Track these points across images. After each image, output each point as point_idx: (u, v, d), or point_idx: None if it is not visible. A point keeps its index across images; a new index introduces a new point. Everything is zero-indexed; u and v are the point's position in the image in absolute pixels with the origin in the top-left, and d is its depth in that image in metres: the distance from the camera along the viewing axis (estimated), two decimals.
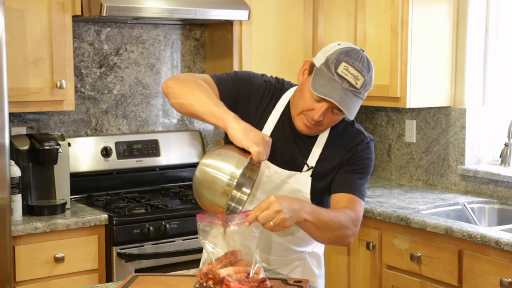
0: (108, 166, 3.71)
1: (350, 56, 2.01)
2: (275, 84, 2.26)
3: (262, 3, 3.86)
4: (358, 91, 2.00)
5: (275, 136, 2.15)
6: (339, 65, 1.99)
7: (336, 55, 2.01)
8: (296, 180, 2.19)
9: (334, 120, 2.10)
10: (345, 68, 1.99)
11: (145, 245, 3.23)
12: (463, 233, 2.84)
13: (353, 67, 1.99)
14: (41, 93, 3.25)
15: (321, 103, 2.04)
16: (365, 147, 2.20)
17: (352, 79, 1.98)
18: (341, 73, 1.98)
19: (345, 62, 1.99)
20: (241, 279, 1.85)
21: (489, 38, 3.69)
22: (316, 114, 2.05)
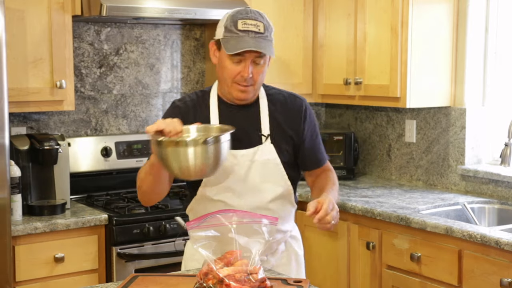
0: (108, 166, 3.71)
1: (241, 13, 2.24)
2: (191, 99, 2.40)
3: (262, 3, 3.85)
4: (265, 35, 2.22)
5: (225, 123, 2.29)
6: (237, 23, 2.21)
7: (230, 18, 2.24)
8: (261, 153, 2.33)
9: (260, 72, 2.26)
10: (243, 23, 2.21)
11: (145, 245, 3.23)
12: (463, 233, 2.84)
13: (249, 19, 2.22)
14: (41, 93, 3.25)
15: (242, 62, 2.23)
16: (308, 108, 2.43)
17: (254, 28, 2.21)
18: (242, 28, 2.20)
19: (240, 19, 2.22)
20: (241, 279, 1.85)
21: (489, 38, 3.69)
22: (244, 72, 2.23)
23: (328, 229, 2.13)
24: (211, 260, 1.89)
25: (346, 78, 3.83)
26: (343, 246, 3.42)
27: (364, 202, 3.38)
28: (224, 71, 2.26)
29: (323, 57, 4.01)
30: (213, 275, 1.86)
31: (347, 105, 4.34)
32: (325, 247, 3.53)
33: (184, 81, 4.05)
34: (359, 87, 3.77)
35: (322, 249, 3.54)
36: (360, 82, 3.75)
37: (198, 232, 1.93)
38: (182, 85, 4.04)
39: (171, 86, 4.01)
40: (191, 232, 1.94)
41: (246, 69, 2.22)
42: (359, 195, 3.59)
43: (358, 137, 4.24)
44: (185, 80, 4.05)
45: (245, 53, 2.20)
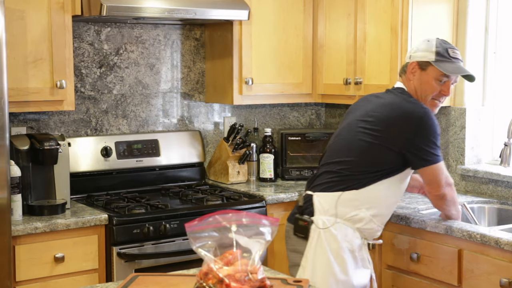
0: (108, 166, 3.71)
1: (446, 43, 2.88)
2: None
3: (262, 3, 3.86)
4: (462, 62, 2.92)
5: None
6: (448, 51, 2.83)
7: (441, 46, 2.85)
8: None
9: (451, 91, 2.90)
10: (453, 52, 2.84)
11: (145, 245, 3.23)
12: (463, 232, 2.84)
13: (454, 49, 2.86)
14: (41, 93, 3.25)
15: (445, 82, 2.83)
16: None
17: (459, 56, 2.86)
18: (453, 55, 2.84)
19: (449, 48, 2.85)
20: (241, 279, 1.85)
21: (489, 38, 3.69)
22: (445, 91, 2.85)
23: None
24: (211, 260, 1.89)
25: (346, 78, 3.83)
26: None
27: None
28: (427, 88, 2.84)
29: (323, 57, 4.01)
30: (213, 275, 1.86)
31: (347, 105, 4.33)
32: None
33: (184, 81, 4.05)
34: (359, 87, 3.77)
35: None
36: (360, 82, 3.75)
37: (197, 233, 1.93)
38: (182, 85, 4.05)
39: (171, 86, 4.01)
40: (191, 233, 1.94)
41: (448, 89, 2.85)
42: None
43: None
44: (185, 80, 4.06)
45: (453, 77, 2.83)
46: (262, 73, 3.89)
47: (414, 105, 2.80)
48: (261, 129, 4.25)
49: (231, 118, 4.20)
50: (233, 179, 3.98)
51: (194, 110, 4.10)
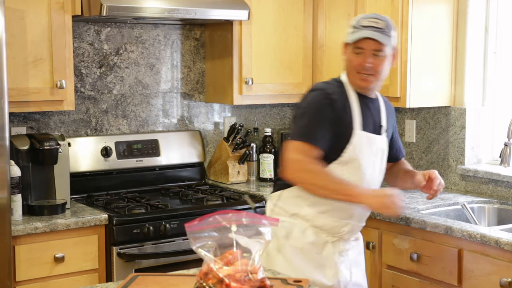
0: (108, 166, 3.71)
1: (366, 15, 2.66)
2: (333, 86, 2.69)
3: (262, 3, 3.86)
4: (384, 30, 2.59)
5: (363, 114, 2.64)
6: (360, 21, 2.61)
7: (357, 19, 2.64)
8: (380, 142, 2.72)
9: (380, 63, 2.60)
10: (367, 20, 2.60)
11: (145, 245, 3.23)
12: (463, 232, 2.84)
13: (371, 18, 2.61)
14: (41, 93, 3.25)
15: (360, 54, 2.59)
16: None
17: (374, 24, 2.58)
18: (365, 24, 2.58)
19: (364, 18, 2.62)
20: (241, 279, 1.85)
21: (489, 38, 3.69)
22: (364, 62, 2.58)
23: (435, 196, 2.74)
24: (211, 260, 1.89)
25: None
26: None
27: None
28: (349, 64, 2.64)
29: (323, 57, 4.01)
30: (213, 275, 1.86)
31: None
32: None
33: (184, 81, 4.05)
34: None
35: None
36: None
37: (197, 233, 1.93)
38: (182, 85, 4.04)
39: (171, 86, 4.01)
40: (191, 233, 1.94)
41: (365, 59, 2.58)
42: None
43: None
44: (185, 80, 4.05)
45: (366, 45, 2.58)
46: (262, 73, 3.89)
47: (316, 84, 2.77)
48: (261, 129, 4.25)
49: (231, 118, 4.20)
50: (233, 179, 3.98)
51: (194, 110, 4.10)
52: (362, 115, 2.64)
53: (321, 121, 2.56)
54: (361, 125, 2.63)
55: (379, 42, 2.56)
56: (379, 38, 2.56)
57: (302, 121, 2.59)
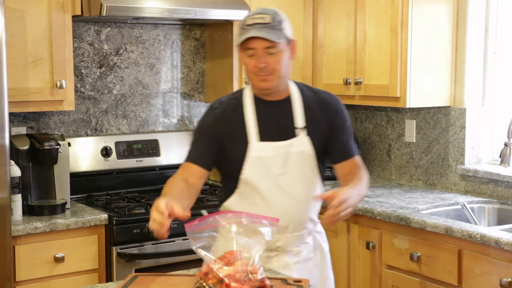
0: (108, 166, 3.71)
1: (251, 13, 2.41)
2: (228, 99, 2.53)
3: (262, 3, 3.85)
4: (271, 24, 2.34)
5: (261, 121, 2.43)
6: (245, 21, 2.37)
7: (242, 20, 2.40)
8: (297, 144, 2.44)
9: (277, 61, 2.36)
10: (250, 18, 2.36)
11: (145, 245, 3.23)
12: (463, 232, 2.84)
13: (256, 14, 2.37)
14: (41, 93, 3.25)
15: (254, 55, 2.35)
16: (339, 105, 2.57)
17: (259, 20, 2.34)
18: (249, 23, 2.34)
19: (248, 16, 2.38)
20: (241, 278, 1.85)
21: (489, 38, 3.69)
22: (258, 62, 2.34)
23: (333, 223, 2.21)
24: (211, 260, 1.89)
25: (346, 78, 3.83)
26: (343, 245, 3.43)
27: (364, 202, 3.38)
28: (245, 67, 2.41)
29: (323, 57, 4.01)
30: (213, 275, 1.86)
31: (347, 105, 4.29)
32: None
33: (184, 81, 4.05)
34: (359, 87, 3.77)
35: None
36: (360, 82, 3.75)
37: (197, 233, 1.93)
38: (182, 85, 4.04)
39: (171, 86, 4.01)
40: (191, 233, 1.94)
41: (259, 59, 2.34)
42: None
43: (358, 137, 4.24)
44: (185, 80, 4.05)
45: (255, 45, 2.33)
46: None
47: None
48: None
49: None
50: None
51: (194, 110, 4.10)
52: (260, 123, 2.42)
53: (201, 138, 2.47)
54: (258, 135, 2.41)
55: (268, 40, 2.33)
56: (266, 35, 2.32)
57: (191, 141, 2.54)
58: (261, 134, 2.41)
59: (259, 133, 2.42)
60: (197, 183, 2.44)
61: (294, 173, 2.44)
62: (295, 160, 2.43)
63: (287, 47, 2.40)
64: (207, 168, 2.46)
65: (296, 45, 2.47)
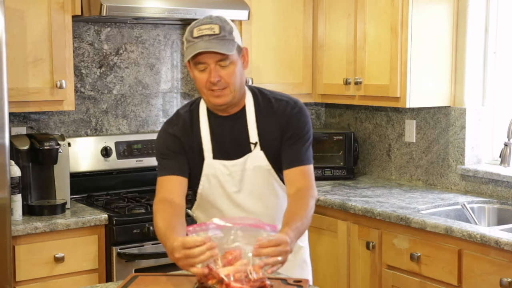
0: (108, 166, 3.71)
1: (197, 22, 2.24)
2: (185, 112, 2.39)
3: (262, 3, 3.86)
4: (220, 35, 2.19)
5: (216, 138, 2.32)
6: (192, 32, 2.21)
7: (188, 30, 2.24)
8: (251, 160, 2.33)
9: (231, 74, 2.22)
10: (198, 30, 2.20)
11: (145, 245, 3.23)
12: (463, 233, 2.84)
13: (203, 24, 2.21)
14: (41, 93, 3.25)
15: (205, 70, 2.21)
16: (296, 111, 2.35)
17: (208, 31, 2.18)
18: (197, 35, 2.19)
19: (195, 27, 2.21)
20: (241, 278, 1.85)
21: (489, 38, 3.69)
22: (211, 77, 2.20)
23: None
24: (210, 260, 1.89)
25: (346, 78, 3.83)
26: (343, 246, 3.43)
27: (364, 202, 3.38)
28: (196, 82, 2.26)
29: (323, 57, 4.01)
30: (212, 275, 1.86)
31: (347, 105, 4.35)
32: (325, 247, 3.53)
33: (184, 81, 4.05)
34: (359, 87, 3.77)
35: (322, 249, 3.54)
36: (360, 82, 3.75)
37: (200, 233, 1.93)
38: (182, 85, 4.04)
39: (171, 86, 4.01)
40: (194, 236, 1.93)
41: (211, 74, 2.19)
42: (359, 195, 3.59)
43: (358, 137, 4.24)
44: (185, 80, 4.05)
45: (205, 58, 2.18)
46: (262, 73, 3.89)
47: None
48: None
49: None
50: None
51: None
52: (214, 140, 2.33)
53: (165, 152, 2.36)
54: (212, 153, 2.32)
55: (219, 53, 2.17)
56: (217, 47, 2.16)
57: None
58: (216, 152, 2.32)
59: (213, 150, 2.32)
60: (182, 201, 2.29)
61: (250, 190, 2.34)
62: (251, 176, 2.33)
63: (238, 57, 2.25)
64: (185, 176, 2.33)
65: (247, 53, 2.31)
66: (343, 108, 4.40)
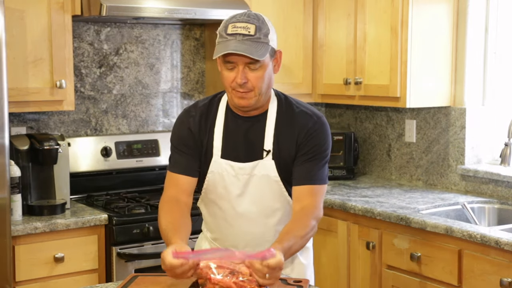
0: (108, 166, 3.71)
1: (234, 17, 2.16)
2: (203, 105, 2.33)
3: (262, 3, 3.86)
4: (255, 37, 2.11)
5: (228, 137, 2.26)
6: (227, 28, 2.13)
7: (223, 24, 2.17)
8: (260, 168, 2.26)
9: (259, 77, 2.15)
10: (232, 27, 2.12)
11: (145, 245, 3.23)
12: (463, 233, 2.84)
13: (240, 22, 2.12)
14: (41, 93, 3.25)
15: (233, 69, 2.14)
16: (317, 127, 2.26)
17: (243, 31, 2.10)
18: (231, 32, 2.11)
19: (231, 23, 2.14)
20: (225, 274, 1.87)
21: (489, 38, 3.69)
22: (237, 78, 2.13)
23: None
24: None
25: (346, 78, 3.83)
26: (343, 246, 3.43)
27: (364, 202, 3.38)
28: (222, 79, 2.20)
29: (323, 57, 4.01)
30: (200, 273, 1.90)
31: (347, 105, 4.35)
32: (325, 247, 3.53)
33: (184, 81, 4.05)
34: (359, 87, 3.77)
35: (322, 249, 3.54)
36: (360, 82, 3.75)
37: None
38: (182, 85, 4.04)
39: (171, 86, 4.01)
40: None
41: (238, 75, 2.13)
42: (359, 195, 3.59)
43: (358, 137, 4.24)
44: (185, 80, 4.05)
45: (235, 58, 2.12)
46: None
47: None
48: None
49: None
50: None
51: None
52: (226, 140, 2.27)
53: (178, 145, 2.30)
54: (220, 152, 2.26)
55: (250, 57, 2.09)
56: (249, 51, 2.08)
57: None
58: (225, 151, 2.26)
59: (223, 149, 2.26)
60: (188, 200, 2.28)
61: (254, 196, 2.28)
62: (257, 183, 2.26)
63: (271, 60, 2.19)
64: (195, 176, 2.30)
65: (281, 56, 2.25)
66: (343, 108, 4.40)
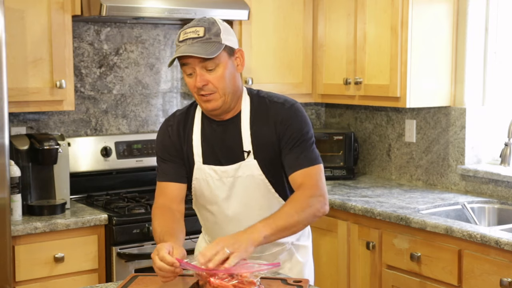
0: (108, 166, 3.71)
1: (186, 25, 2.17)
2: (181, 114, 2.35)
3: (262, 3, 3.86)
4: (204, 38, 2.11)
5: (207, 143, 2.27)
6: (179, 36, 2.15)
7: (178, 34, 2.17)
8: (244, 169, 2.25)
9: (219, 78, 2.15)
10: (183, 34, 2.14)
11: (145, 245, 3.23)
12: (463, 233, 2.84)
13: (189, 27, 2.14)
14: (40, 93, 3.25)
15: (193, 74, 2.15)
16: (291, 112, 2.25)
17: (192, 34, 2.12)
18: (182, 38, 2.13)
19: (182, 30, 2.15)
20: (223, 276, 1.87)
21: (489, 38, 3.69)
22: (196, 82, 2.14)
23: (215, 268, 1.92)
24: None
25: (346, 78, 3.83)
26: (343, 246, 3.42)
27: (364, 202, 3.38)
28: (188, 87, 2.21)
29: (323, 57, 4.01)
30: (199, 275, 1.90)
31: (347, 105, 4.35)
32: (325, 247, 3.53)
33: (184, 81, 4.05)
34: (359, 87, 3.77)
35: (322, 249, 3.54)
36: (360, 82, 3.75)
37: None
38: (182, 85, 4.04)
39: (171, 86, 4.01)
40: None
41: (196, 78, 2.14)
42: (359, 195, 3.59)
43: (358, 137, 4.24)
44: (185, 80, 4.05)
45: (190, 61, 2.12)
46: (262, 73, 3.89)
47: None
48: None
49: None
50: None
51: None
52: (205, 146, 2.27)
53: (163, 154, 2.31)
54: (201, 158, 2.26)
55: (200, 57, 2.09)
56: (198, 51, 2.08)
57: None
58: (206, 157, 2.26)
59: (204, 156, 2.26)
60: (180, 207, 2.28)
61: (241, 198, 2.27)
62: (242, 184, 2.25)
63: (230, 59, 2.16)
64: (183, 182, 2.30)
65: (242, 55, 2.21)
66: (343, 108, 4.40)
